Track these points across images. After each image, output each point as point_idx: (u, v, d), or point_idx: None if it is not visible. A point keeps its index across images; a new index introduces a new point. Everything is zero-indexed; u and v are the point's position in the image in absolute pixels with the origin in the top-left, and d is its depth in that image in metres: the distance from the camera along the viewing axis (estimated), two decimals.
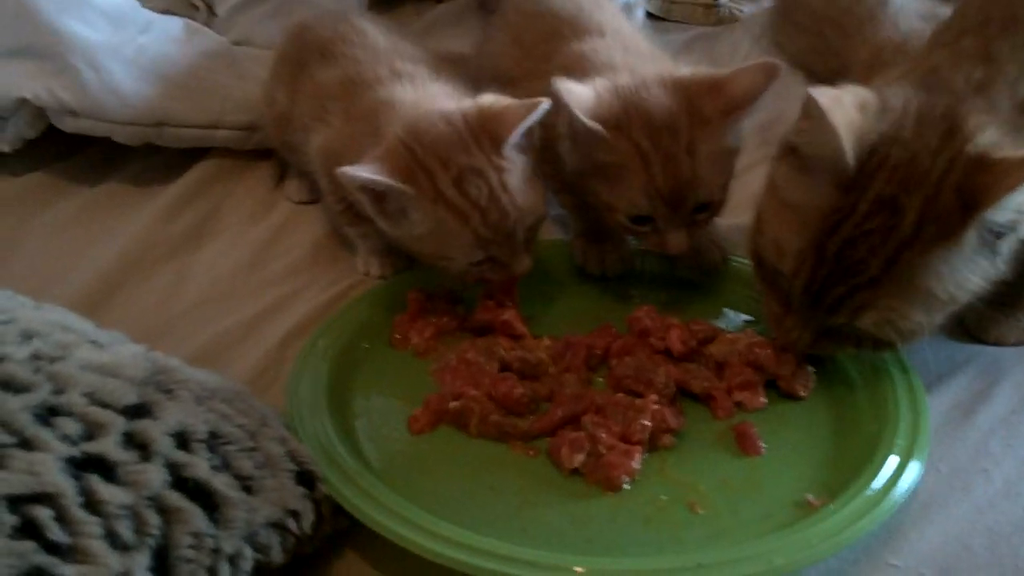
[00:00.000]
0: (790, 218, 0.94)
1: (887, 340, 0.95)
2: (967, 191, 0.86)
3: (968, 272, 0.90)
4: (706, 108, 1.07)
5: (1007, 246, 0.90)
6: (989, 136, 0.89)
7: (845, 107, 0.89)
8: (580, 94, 1.07)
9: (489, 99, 1.09)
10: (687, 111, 1.07)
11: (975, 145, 0.87)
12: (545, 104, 1.05)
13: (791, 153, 0.96)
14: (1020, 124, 0.91)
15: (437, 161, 1.03)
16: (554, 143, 1.13)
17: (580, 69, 1.14)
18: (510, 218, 1.05)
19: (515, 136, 1.05)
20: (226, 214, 1.43)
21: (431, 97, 1.15)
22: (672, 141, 1.06)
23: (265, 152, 1.52)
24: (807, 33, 1.65)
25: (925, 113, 0.90)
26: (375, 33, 1.30)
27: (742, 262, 1.16)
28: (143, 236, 1.36)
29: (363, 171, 1.01)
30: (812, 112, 0.89)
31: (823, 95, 0.88)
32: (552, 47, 1.24)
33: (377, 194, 1.04)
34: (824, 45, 1.59)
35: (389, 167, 1.02)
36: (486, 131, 1.05)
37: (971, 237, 0.86)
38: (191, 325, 1.19)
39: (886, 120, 0.90)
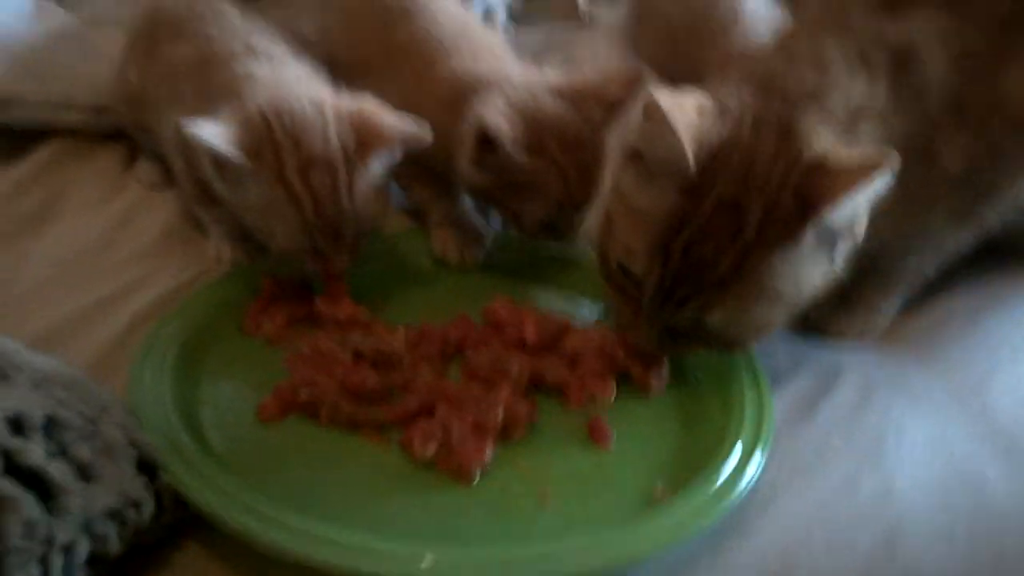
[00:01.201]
0: (637, 221, 0.95)
1: (735, 338, 0.97)
2: (804, 194, 0.88)
3: (808, 271, 0.92)
4: (595, 115, 1.13)
5: (842, 249, 0.93)
6: (823, 141, 0.91)
7: (685, 110, 0.90)
8: (506, 128, 1.07)
9: (372, 106, 1.08)
10: (586, 122, 1.12)
11: (811, 149, 0.90)
12: (428, 139, 1.06)
13: (634, 157, 0.96)
14: (852, 130, 0.94)
15: (290, 141, 1.02)
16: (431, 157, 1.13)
17: (464, 84, 1.16)
18: (344, 217, 1.05)
19: (385, 155, 1.06)
20: (72, 196, 1.38)
21: (294, 77, 1.13)
22: (586, 155, 1.11)
23: (114, 134, 1.46)
24: (663, 40, 1.67)
25: (761, 117, 0.92)
26: (231, 12, 1.27)
27: None
28: None
29: (209, 135, 0.99)
30: (653, 115, 0.89)
31: (664, 98, 0.89)
32: (397, 41, 1.25)
33: (218, 155, 1.02)
34: (680, 50, 1.62)
35: (237, 133, 1.01)
36: (357, 134, 1.05)
37: (810, 237, 0.88)
38: (31, 308, 1.14)
39: (725, 124, 0.91)
